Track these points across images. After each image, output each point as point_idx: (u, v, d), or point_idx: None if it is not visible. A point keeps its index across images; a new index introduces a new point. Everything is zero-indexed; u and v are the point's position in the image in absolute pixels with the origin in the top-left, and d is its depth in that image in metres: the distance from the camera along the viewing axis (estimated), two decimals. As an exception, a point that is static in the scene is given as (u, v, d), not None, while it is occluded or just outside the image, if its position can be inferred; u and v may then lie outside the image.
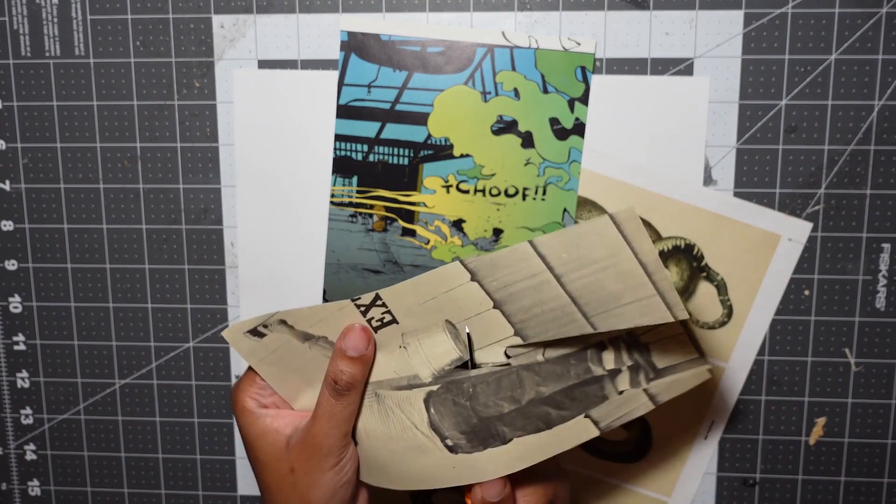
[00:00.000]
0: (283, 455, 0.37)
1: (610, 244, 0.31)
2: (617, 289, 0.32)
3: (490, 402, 0.36)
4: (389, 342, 0.38)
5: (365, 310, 0.36)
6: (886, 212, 0.47)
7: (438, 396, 0.37)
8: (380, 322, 0.37)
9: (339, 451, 0.37)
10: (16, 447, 0.53)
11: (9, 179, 0.50)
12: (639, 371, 0.36)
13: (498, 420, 0.36)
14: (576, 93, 0.46)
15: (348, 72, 0.47)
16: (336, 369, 0.37)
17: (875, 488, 0.49)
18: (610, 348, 0.36)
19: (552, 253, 0.32)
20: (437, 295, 0.35)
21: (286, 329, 0.37)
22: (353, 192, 0.48)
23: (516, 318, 0.35)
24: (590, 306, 0.33)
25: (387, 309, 0.36)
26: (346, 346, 0.36)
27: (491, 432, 0.36)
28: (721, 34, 0.46)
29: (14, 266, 0.51)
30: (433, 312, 0.36)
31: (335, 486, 0.37)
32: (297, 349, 0.38)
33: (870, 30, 0.45)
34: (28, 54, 0.48)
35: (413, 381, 0.37)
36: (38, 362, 0.52)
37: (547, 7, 0.46)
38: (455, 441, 0.37)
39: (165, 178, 0.49)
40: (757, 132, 0.46)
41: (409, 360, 0.37)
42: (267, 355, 0.38)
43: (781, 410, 0.49)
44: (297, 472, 0.37)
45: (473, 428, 0.37)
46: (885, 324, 0.48)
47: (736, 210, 0.47)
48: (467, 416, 0.36)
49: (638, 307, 0.32)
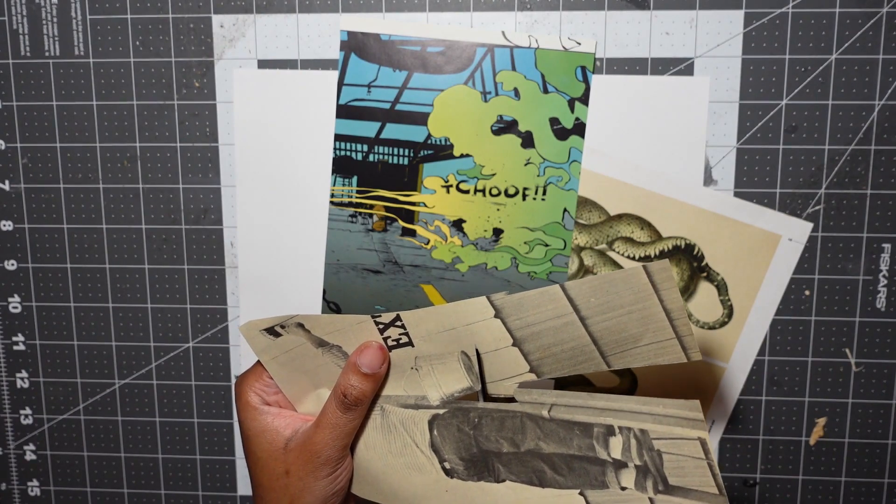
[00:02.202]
0: (279, 456, 0.38)
1: (639, 291, 0.32)
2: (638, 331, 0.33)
3: (492, 436, 0.36)
4: (402, 362, 0.38)
5: (383, 328, 0.37)
6: (887, 212, 0.47)
7: (444, 420, 0.37)
8: (395, 342, 0.37)
9: (337, 461, 0.38)
10: (15, 447, 0.53)
11: (8, 179, 0.50)
12: (647, 476, 0.35)
13: (496, 457, 0.36)
14: (576, 93, 0.46)
15: (348, 72, 0.47)
16: (347, 383, 0.37)
17: (875, 488, 0.49)
18: (619, 435, 0.36)
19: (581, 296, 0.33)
20: (458, 326, 0.36)
21: (302, 333, 0.37)
22: (353, 192, 0.48)
23: (534, 357, 0.36)
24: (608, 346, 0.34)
25: (405, 331, 0.37)
26: (362, 362, 0.37)
27: (487, 466, 0.37)
28: (721, 34, 0.45)
29: (14, 266, 0.51)
30: (450, 342, 0.36)
31: (327, 494, 0.38)
32: (310, 353, 0.38)
33: (870, 30, 0.45)
34: (27, 54, 0.48)
35: (420, 402, 0.38)
36: (37, 362, 0.52)
37: (547, 7, 0.46)
38: (453, 465, 0.37)
39: (165, 178, 0.49)
40: (757, 132, 0.46)
41: (419, 382, 0.37)
42: (279, 354, 0.38)
43: (782, 410, 0.49)
44: (292, 475, 0.37)
45: (473, 457, 0.37)
46: (885, 324, 0.48)
47: (736, 210, 0.47)
48: (469, 443, 0.37)
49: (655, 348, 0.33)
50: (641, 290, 0.32)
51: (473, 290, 0.48)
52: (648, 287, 0.32)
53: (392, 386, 0.39)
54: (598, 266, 0.48)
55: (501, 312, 0.35)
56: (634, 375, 0.48)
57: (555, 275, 0.47)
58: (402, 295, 0.48)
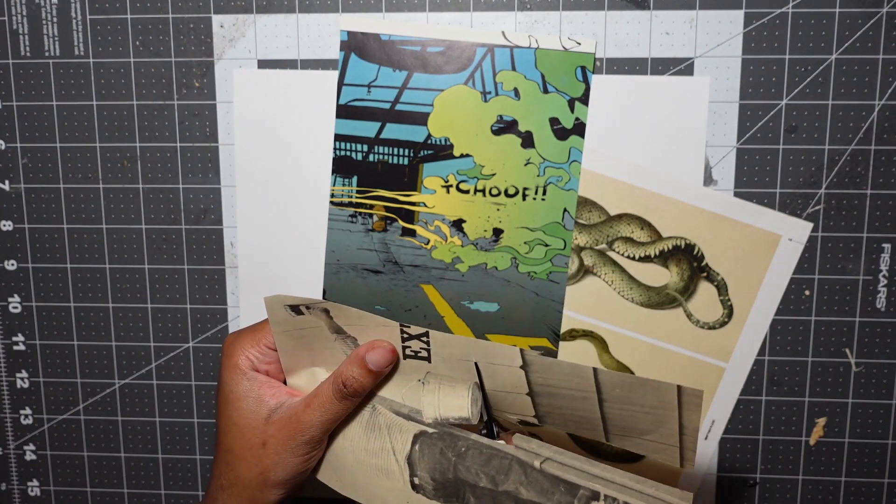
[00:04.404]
0: (259, 426, 0.37)
1: (665, 401, 0.33)
2: (647, 428, 0.34)
3: (473, 468, 0.36)
4: (411, 372, 0.38)
5: (408, 337, 0.37)
6: (887, 212, 0.47)
7: (430, 439, 0.37)
8: (413, 353, 0.37)
9: (317, 443, 0.38)
10: (15, 447, 0.53)
11: (8, 179, 0.50)
12: None
13: (470, 488, 0.36)
14: (576, 93, 0.46)
15: (348, 72, 0.47)
16: (349, 373, 0.37)
17: (875, 488, 0.49)
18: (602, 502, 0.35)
19: (609, 384, 0.34)
20: (481, 361, 0.36)
21: (324, 318, 0.37)
22: (352, 192, 0.48)
23: (542, 409, 0.37)
24: (614, 427, 0.35)
25: (428, 347, 0.37)
26: (370, 358, 0.37)
27: (458, 493, 0.37)
28: (721, 34, 0.45)
29: (13, 266, 0.51)
30: (467, 371, 0.37)
31: (297, 472, 0.38)
32: (324, 336, 0.38)
33: (870, 30, 0.45)
34: (27, 54, 0.48)
35: (413, 415, 0.38)
36: (37, 362, 0.52)
37: (547, 7, 0.46)
38: (422, 482, 0.37)
39: (165, 178, 0.49)
40: (757, 132, 0.46)
41: (420, 395, 0.38)
42: (293, 329, 0.38)
43: (782, 410, 0.49)
44: (269, 447, 0.37)
45: (446, 481, 0.37)
46: (885, 324, 0.48)
47: (736, 210, 0.47)
48: (446, 468, 0.37)
49: (656, 447, 0.34)
50: (667, 401, 0.33)
51: (473, 289, 0.48)
52: (675, 402, 0.33)
53: (392, 390, 0.39)
54: (597, 266, 0.48)
55: (528, 367, 0.35)
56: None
57: (555, 275, 0.47)
58: (402, 295, 0.48)
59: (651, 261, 0.47)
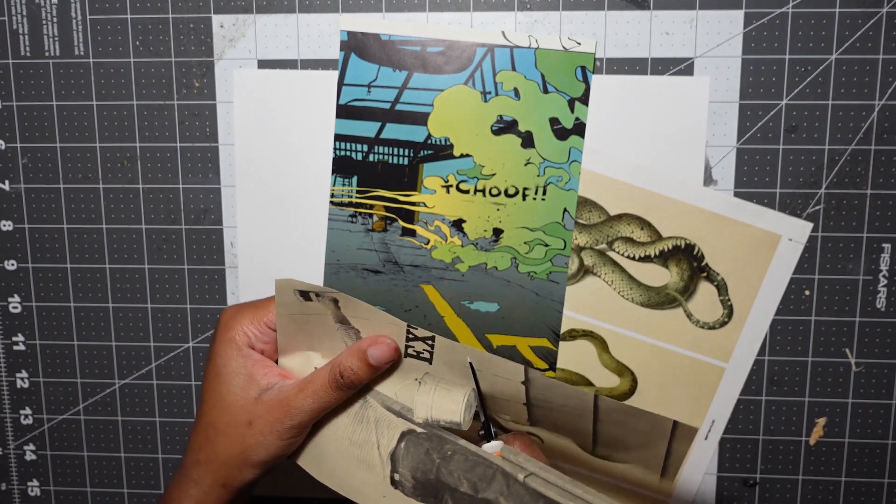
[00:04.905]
0: (248, 405, 0.37)
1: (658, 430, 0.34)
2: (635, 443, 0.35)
3: (456, 472, 0.36)
4: (409, 371, 0.38)
5: (412, 339, 0.37)
6: (887, 212, 0.47)
7: (417, 438, 0.37)
8: (415, 354, 0.37)
9: (304, 427, 0.37)
10: (15, 447, 0.53)
11: (8, 179, 0.50)
12: None
13: (450, 491, 0.36)
14: (576, 93, 0.46)
15: (348, 72, 0.47)
16: (348, 365, 0.37)
17: (875, 489, 0.49)
18: None
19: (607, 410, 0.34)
20: (484, 371, 0.36)
21: (332, 307, 0.37)
22: (352, 192, 0.48)
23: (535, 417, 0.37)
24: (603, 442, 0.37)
25: (431, 351, 0.37)
26: (372, 353, 0.36)
27: (437, 495, 0.37)
28: (721, 34, 0.45)
29: (13, 266, 0.51)
30: (467, 378, 0.37)
31: (278, 454, 0.37)
32: (327, 324, 0.38)
33: (870, 30, 0.45)
34: (27, 54, 0.48)
35: (404, 412, 0.38)
36: (37, 362, 0.52)
37: (547, 7, 0.46)
38: (402, 479, 0.37)
39: (165, 178, 0.49)
40: (757, 132, 0.46)
41: (414, 394, 0.38)
42: (298, 314, 0.38)
43: (782, 410, 0.49)
44: (254, 427, 0.37)
45: (427, 481, 0.37)
46: (885, 324, 0.48)
47: (736, 210, 0.47)
48: (429, 469, 0.37)
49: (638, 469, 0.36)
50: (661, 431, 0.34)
51: (473, 289, 0.48)
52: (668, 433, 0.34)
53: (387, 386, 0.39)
54: (598, 266, 0.48)
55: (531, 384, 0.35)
56: (635, 376, 0.48)
57: (555, 275, 0.47)
58: (401, 295, 0.48)
59: (651, 261, 0.47)
